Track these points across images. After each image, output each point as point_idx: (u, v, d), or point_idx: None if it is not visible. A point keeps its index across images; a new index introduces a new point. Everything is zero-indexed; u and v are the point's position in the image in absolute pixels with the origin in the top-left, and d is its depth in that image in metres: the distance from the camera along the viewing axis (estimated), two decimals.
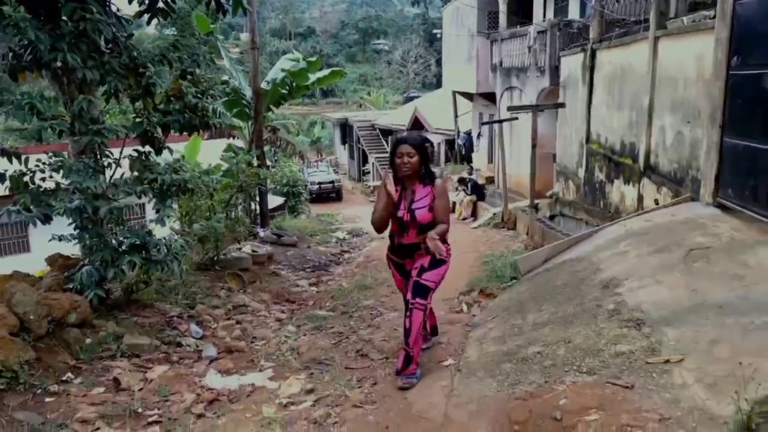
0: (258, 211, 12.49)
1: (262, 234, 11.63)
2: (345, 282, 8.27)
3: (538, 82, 13.20)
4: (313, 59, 11.79)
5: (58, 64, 4.85)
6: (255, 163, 10.71)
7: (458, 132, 21.54)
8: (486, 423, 2.87)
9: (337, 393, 3.63)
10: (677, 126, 6.34)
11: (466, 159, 20.71)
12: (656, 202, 6.56)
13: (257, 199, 12.29)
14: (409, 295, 3.68)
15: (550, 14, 14.52)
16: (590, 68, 9.33)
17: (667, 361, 2.92)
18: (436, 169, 23.99)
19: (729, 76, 4.96)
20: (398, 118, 31.62)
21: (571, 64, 10.59)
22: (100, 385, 4.12)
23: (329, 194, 27.37)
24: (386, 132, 32.73)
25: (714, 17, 5.33)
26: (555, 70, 12.07)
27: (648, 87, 7.00)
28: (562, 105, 10.66)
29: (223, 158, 9.87)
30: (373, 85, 56.67)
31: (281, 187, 17.36)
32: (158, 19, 5.65)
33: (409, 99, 38.98)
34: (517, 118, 12.27)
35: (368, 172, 32.12)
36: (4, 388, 3.78)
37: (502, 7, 15.80)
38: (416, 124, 27.75)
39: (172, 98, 5.23)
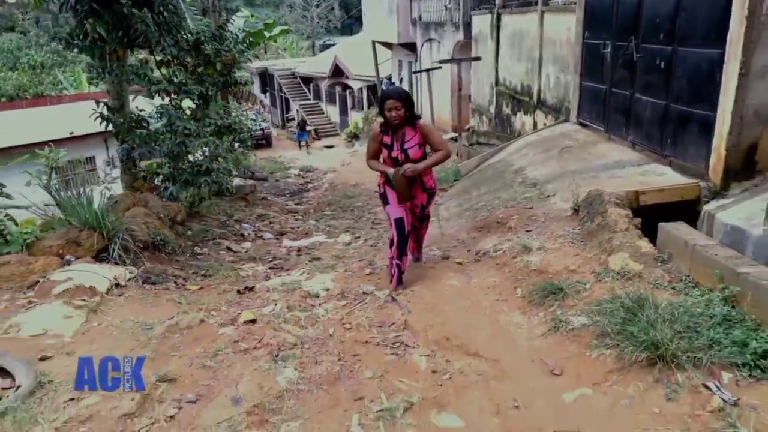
0: None
1: (236, 172, 13.89)
2: (326, 197, 10.95)
3: (453, 35, 16.01)
4: (269, 21, 13.80)
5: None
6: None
7: (380, 78, 24.06)
8: (464, 231, 5.81)
9: (376, 235, 6.42)
10: (556, 73, 9.44)
11: None
12: (544, 125, 9.73)
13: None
14: (417, 223, 4.60)
15: None
16: (497, 28, 12.26)
17: (548, 197, 5.97)
18: (360, 113, 26.72)
19: (584, 43, 8.02)
20: (318, 65, 33.29)
21: (481, 22, 13.47)
22: (221, 250, 6.64)
23: (259, 141, 29.10)
24: (307, 80, 34.49)
25: (576, 3, 8.33)
26: (467, 26, 14.90)
27: (538, 45, 10.03)
28: (479, 58, 13.58)
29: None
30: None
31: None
32: None
33: (326, 46, 40.46)
34: (441, 67, 15.08)
35: (292, 119, 33.89)
36: (171, 252, 6.22)
37: None
38: (337, 71, 29.81)
39: (227, 65, 7.53)
